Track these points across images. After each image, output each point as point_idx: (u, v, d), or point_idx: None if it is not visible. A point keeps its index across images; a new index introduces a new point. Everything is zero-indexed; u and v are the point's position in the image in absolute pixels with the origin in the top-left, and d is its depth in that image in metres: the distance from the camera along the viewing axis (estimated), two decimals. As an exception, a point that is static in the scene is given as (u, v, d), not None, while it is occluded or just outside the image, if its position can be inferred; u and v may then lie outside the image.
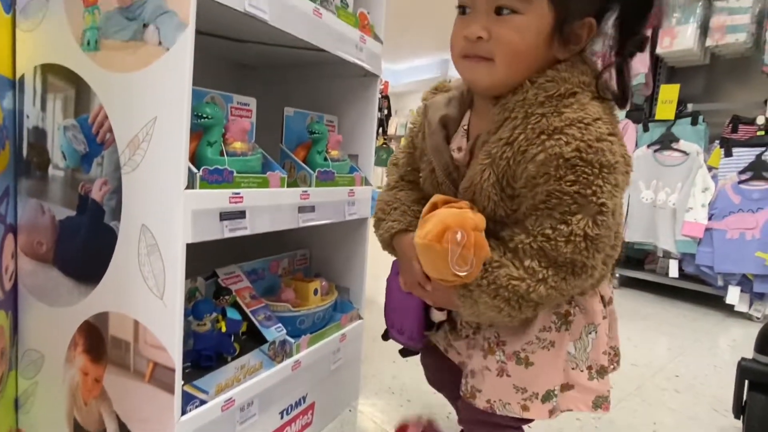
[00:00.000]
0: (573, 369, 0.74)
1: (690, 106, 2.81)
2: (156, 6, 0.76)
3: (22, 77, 0.96)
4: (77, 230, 0.89)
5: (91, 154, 0.86)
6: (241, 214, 0.87)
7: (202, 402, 0.85)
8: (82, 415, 0.92)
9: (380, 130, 7.48)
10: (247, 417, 0.96)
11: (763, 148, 2.39)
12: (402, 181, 0.86)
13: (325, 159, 1.18)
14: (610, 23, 0.64)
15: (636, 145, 2.88)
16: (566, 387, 0.74)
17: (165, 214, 0.77)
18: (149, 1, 0.77)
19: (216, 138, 0.88)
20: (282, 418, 1.07)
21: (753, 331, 2.32)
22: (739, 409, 1.19)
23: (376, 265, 1.29)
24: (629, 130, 2.92)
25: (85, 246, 0.88)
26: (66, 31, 0.87)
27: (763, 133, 2.45)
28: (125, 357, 0.84)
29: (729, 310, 2.56)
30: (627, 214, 2.87)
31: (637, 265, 3.12)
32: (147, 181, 0.79)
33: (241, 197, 0.86)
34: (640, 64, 2.86)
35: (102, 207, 0.85)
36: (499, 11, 0.61)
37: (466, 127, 0.74)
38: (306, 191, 1.04)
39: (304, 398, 1.14)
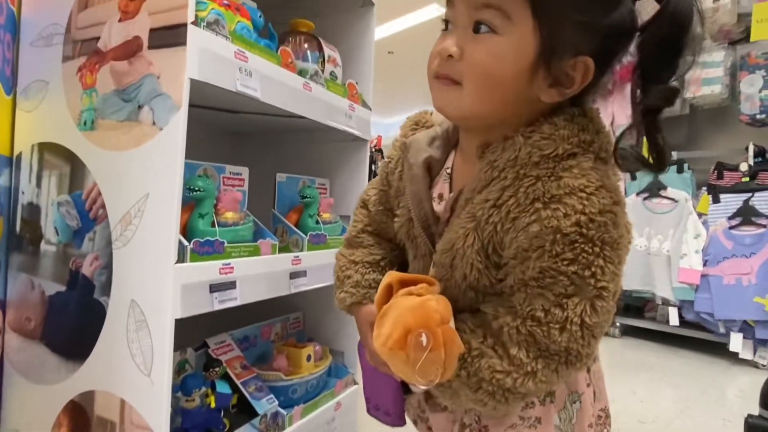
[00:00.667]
0: None
1: (675, 154, 2.89)
2: (151, 89, 0.80)
3: (20, 155, 0.98)
4: (66, 306, 0.89)
5: (83, 229, 0.87)
6: (232, 285, 0.87)
7: (190, 485, 0.81)
8: (63, 502, 0.87)
9: (374, 181, 7.62)
10: (237, 499, 0.91)
11: (750, 194, 2.44)
12: (363, 233, 0.76)
13: (317, 222, 1.20)
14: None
15: (625, 193, 2.93)
16: None
17: (154, 289, 0.77)
18: (145, 84, 0.81)
19: (208, 210, 0.89)
20: (274, 496, 1.02)
21: (760, 378, 2.27)
22: (751, 468, 1.15)
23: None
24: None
25: (74, 322, 0.88)
26: (64, 112, 0.91)
27: (747, 179, 2.50)
28: (110, 438, 0.81)
29: (734, 357, 2.51)
30: (622, 261, 2.87)
31: (638, 313, 3.09)
32: (137, 256, 0.79)
33: (232, 267, 0.87)
34: (621, 115, 2.97)
35: (92, 282, 0.85)
36: (477, 28, 0.52)
37: (449, 171, 0.65)
38: (297, 256, 1.05)
39: (298, 475, 1.09)
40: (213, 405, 0.92)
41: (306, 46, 1.20)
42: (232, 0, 0.92)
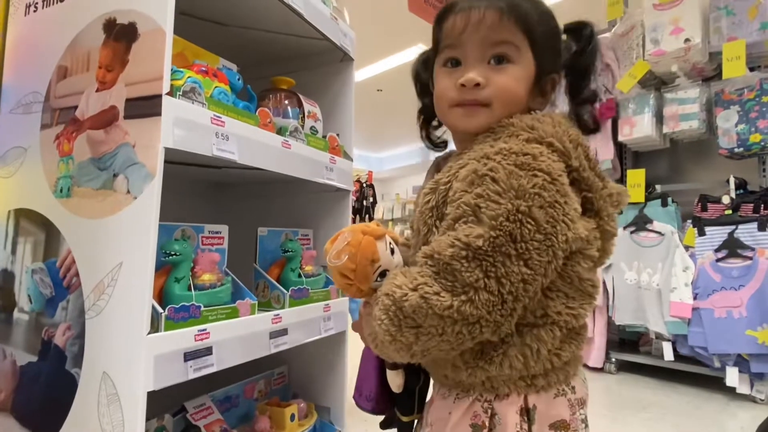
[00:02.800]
0: None
1: (658, 188, 2.94)
2: (126, 157, 0.81)
3: (-4, 221, 0.98)
4: (38, 377, 0.86)
5: (56, 298, 0.86)
6: (207, 351, 0.85)
7: None
8: None
9: (366, 216, 7.65)
10: None
11: (734, 226, 2.47)
12: None
13: (299, 276, 1.19)
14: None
15: (613, 227, 2.95)
16: None
17: (126, 361, 0.76)
18: (120, 153, 0.82)
19: (184, 273, 0.89)
20: None
21: (760, 414, 2.24)
22: None
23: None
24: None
25: (45, 394, 0.85)
26: (41, 179, 0.91)
27: (730, 212, 2.54)
28: None
29: (731, 392, 2.48)
30: (614, 296, 2.87)
31: (633, 348, 3.06)
32: (110, 326, 0.78)
33: (208, 333, 0.85)
34: (605, 151, 3.03)
35: (64, 353, 0.83)
36: (498, 60, 0.65)
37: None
38: (278, 314, 1.04)
39: None
40: (189, 477, 0.89)
41: (286, 102, 1.23)
42: (209, 66, 0.95)
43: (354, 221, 7.18)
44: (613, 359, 2.97)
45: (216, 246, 1.03)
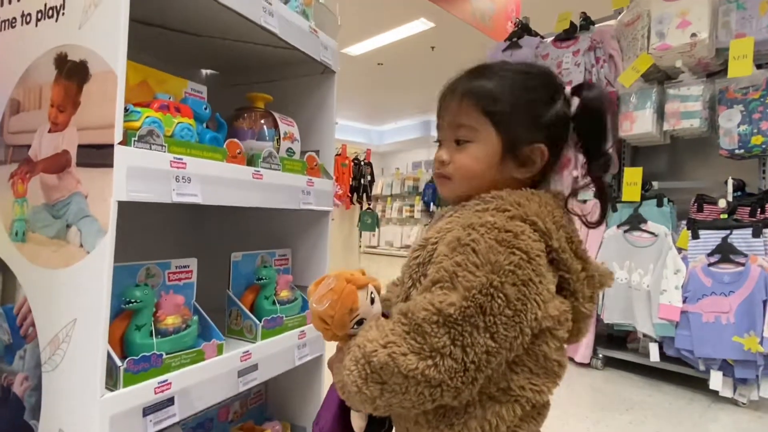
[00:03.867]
0: None
1: (656, 185, 2.88)
2: (78, 208, 0.77)
3: (-45, 255, 0.95)
4: (-2, 423, 0.86)
5: (14, 345, 0.84)
6: (169, 402, 0.84)
7: None
8: None
9: (364, 195, 7.61)
10: None
11: (728, 231, 2.43)
12: None
13: (274, 303, 1.17)
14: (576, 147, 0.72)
15: (606, 225, 2.92)
16: None
17: (81, 420, 0.74)
18: (73, 203, 0.78)
19: (145, 321, 0.87)
20: None
21: (741, 418, 2.27)
22: None
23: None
24: (598, 210, 2.96)
25: (5, 441, 0.85)
26: (-4, 218, 0.87)
27: (725, 216, 2.50)
28: None
29: (714, 394, 2.50)
30: (604, 294, 2.86)
31: (620, 345, 3.08)
32: (66, 383, 0.77)
33: (169, 384, 0.84)
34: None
35: (23, 402, 0.82)
36: (458, 141, 0.72)
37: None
38: (247, 351, 1.02)
39: None
40: None
41: (262, 122, 1.18)
42: (172, 100, 0.89)
43: (351, 200, 7.15)
44: (600, 355, 2.99)
45: (184, 281, 1.00)
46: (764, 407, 2.41)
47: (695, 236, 2.55)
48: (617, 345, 3.07)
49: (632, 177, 2.79)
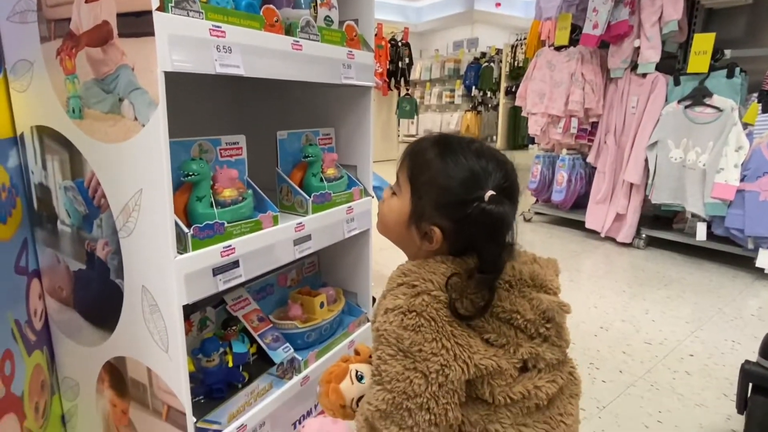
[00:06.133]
0: None
1: (728, 53, 2.59)
2: (128, 81, 0.77)
3: (22, 135, 1.00)
4: (89, 283, 0.97)
5: (90, 215, 0.91)
6: (235, 264, 0.91)
7: (216, 432, 0.94)
8: (117, 438, 1.04)
9: (402, 80, 7.27)
10: (260, 436, 1.06)
11: (806, 103, 2.21)
12: None
13: (321, 180, 1.20)
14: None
15: (666, 100, 2.71)
16: None
17: (160, 279, 0.82)
18: (121, 76, 0.78)
19: (204, 192, 0.91)
20: (295, 427, 1.18)
21: (782, 296, 2.27)
22: (742, 406, 1.21)
23: (385, 265, 1.33)
24: (659, 84, 2.73)
25: (98, 298, 0.96)
26: (52, 96, 0.90)
27: (806, 86, 2.25)
28: (144, 397, 0.94)
29: (759, 272, 2.49)
30: (654, 174, 2.76)
31: (666, 225, 3.04)
32: (142, 246, 0.84)
33: (233, 249, 0.90)
34: (672, 10, 2.63)
35: (107, 265, 0.91)
36: (393, 192, 0.79)
37: None
38: (301, 223, 1.07)
39: (315, 406, 1.24)
40: (231, 363, 1.03)
41: (296, -13, 1.10)
42: (203, -39, 0.83)
43: (388, 86, 6.87)
44: (644, 235, 2.98)
45: (235, 157, 1.02)
46: (811, 284, 2.39)
47: (766, 110, 2.34)
48: (662, 225, 3.04)
49: (702, 45, 2.51)
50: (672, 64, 2.86)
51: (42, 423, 1.04)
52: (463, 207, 0.68)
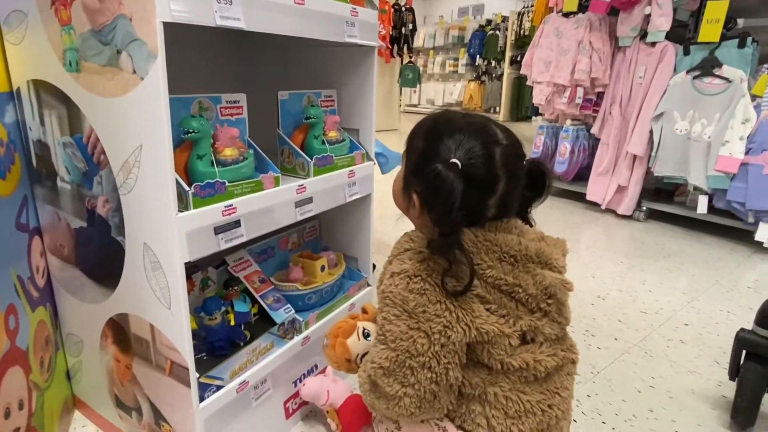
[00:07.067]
0: None
1: (741, 22, 2.52)
2: (125, 32, 0.75)
3: (18, 89, 0.98)
4: (90, 240, 0.97)
5: (90, 172, 0.90)
6: (236, 224, 0.91)
7: (219, 387, 0.96)
8: (121, 392, 1.06)
9: (405, 47, 7.11)
10: (262, 393, 1.08)
11: (817, 75, 2.17)
12: None
13: (323, 143, 1.18)
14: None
15: (674, 70, 2.65)
16: None
17: (162, 236, 0.82)
18: (118, 26, 0.76)
19: (205, 150, 0.90)
20: (296, 386, 1.20)
21: (779, 269, 2.28)
22: (734, 372, 1.23)
23: (386, 233, 1.32)
24: (668, 54, 2.67)
25: (99, 255, 0.96)
26: (48, 49, 0.87)
27: (819, 57, 2.20)
28: (147, 352, 0.95)
29: (757, 246, 2.50)
30: (658, 146, 2.73)
31: (667, 198, 3.04)
32: (142, 203, 0.83)
33: (234, 208, 0.90)
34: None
35: (108, 222, 0.91)
36: None
37: None
38: (302, 185, 1.07)
39: (316, 366, 1.26)
40: (233, 322, 1.04)
41: (299, -62, 1.05)
42: None
43: (391, 53, 6.71)
44: (644, 207, 2.98)
45: (236, 116, 1.01)
46: (808, 258, 2.41)
47: (776, 81, 2.29)
48: (663, 198, 3.03)
49: (714, 12, 2.44)
50: (682, 33, 2.78)
51: (47, 377, 1.06)
52: (424, 168, 0.72)
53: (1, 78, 0.96)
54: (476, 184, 0.71)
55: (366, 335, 0.91)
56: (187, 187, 0.83)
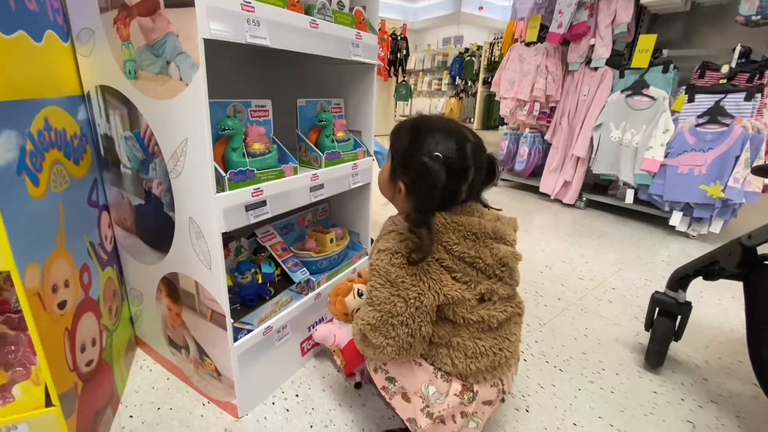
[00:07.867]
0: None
1: (665, 52, 2.49)
2: (173, 47, 0.73)
3: (89, 93, 0.96)
4: (147, 215, 0.95)
5: (147, 160, 0.89)
6: (263, 203, 0.90)
7: (248, 331, 0.96)
8: (173, 334, 1.06)
9: (400, 68, 6.99)
10: (283, 336, 1.08)
11: (722, 95, 2.15)
12: None
13: (332, 141, 1.17)
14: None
15: (612, 89, 2.63)
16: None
17: (203, 212, 0.81)
18: (168, 42, 0.73)
19: (238, 144, 0.88)
20: (309, 330, 1.21)
21: (686, 247, 2.30)
22: (649, 325, 1.24)
23: (382, 215, 1.31)
24: (607, 77, 2.64)
25: (155, 226, 0.95)
26: (111, 60, 0.85)
27: (725, 81, 2.18)
28: (193, 303, 0.95)
29: (671, 229, 2.51)
30: (597, 150, 2.72)
31: (602, 191, 3.04)
32: (188, 185, 0.82)
33: (261, 191, 0.89)
34: (625, 13, 2.50)
35: (161, 200, 0.90)
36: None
37: None
38: (316, 174, 1.05)
39: (325, 316, 1.27)
40: (260, 281, 1.03)
41: (315, -25, 1.02)
42: (235, -56, 0.76)
43: (389, 73, 6.61)
44: (584, 198, 2.97)
45: (263, 118, 0.99)
46: (710, 239, 2.42)
47: (691, 99, 2.28)
48: (599, 191, 3.03)
49: (645, 44, 2.40)
50: (619, 60, 2.75)
51: (115, 321, 1.06)
52: (412, 160, 0.71)
53: (74, 84, 0.93)
54: (453, 173, 0.70)
55: (360, 294, 0.91)
56: (223, 173, 0.82)
